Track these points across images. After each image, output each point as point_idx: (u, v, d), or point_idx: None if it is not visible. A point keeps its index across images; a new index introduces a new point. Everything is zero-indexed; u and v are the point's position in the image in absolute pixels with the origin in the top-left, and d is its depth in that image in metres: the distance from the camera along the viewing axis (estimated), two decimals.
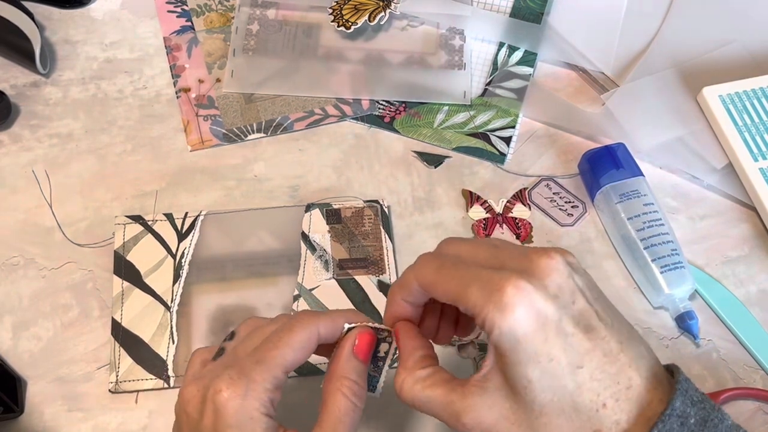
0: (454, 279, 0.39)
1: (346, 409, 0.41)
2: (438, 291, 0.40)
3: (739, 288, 0.60)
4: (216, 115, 0.66)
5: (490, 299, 0.37)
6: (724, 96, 0.66)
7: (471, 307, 0.38)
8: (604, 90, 0.68)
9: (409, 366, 0.41)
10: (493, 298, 0.37)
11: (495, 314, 0.36)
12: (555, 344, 0.37)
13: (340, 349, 0.42)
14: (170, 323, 0.56)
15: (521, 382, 0.37)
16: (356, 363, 0.42)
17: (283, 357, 0.40)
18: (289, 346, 0.40)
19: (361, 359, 0.42)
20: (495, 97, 0.68)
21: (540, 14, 0.71)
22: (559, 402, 0.37)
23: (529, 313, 0.37)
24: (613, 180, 0.61)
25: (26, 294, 0.58)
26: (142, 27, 0.70)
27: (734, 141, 0.64)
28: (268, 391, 0.39)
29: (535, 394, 0.37)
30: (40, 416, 0.54)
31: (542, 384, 0.37)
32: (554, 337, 0.37)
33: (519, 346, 0.37)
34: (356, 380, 0.41)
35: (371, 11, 0.70)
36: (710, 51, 0.70)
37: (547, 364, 0.37)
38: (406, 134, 0.66)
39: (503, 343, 0.37)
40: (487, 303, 0.37)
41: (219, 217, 0.60)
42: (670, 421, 0.36)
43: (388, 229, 0.61)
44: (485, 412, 0.38)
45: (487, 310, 0.37)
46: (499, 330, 0.36)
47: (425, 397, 0.40)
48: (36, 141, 0.64)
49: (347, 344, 0.42)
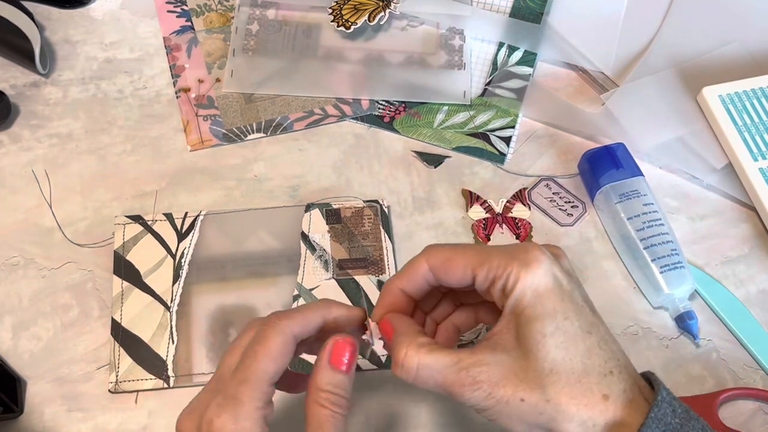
0: (473, 251, 0.42)
1: (325, 417, 0.39)
2: (455, 264, 0.42)
3: (739, 288, 0.60)
4: (216, 115, 0.66)
5: (514, 259, 0.40)
6: (724, 96, 0.66)
7: (494, 268, 0.40)
8: (604, 90, 0.68)
9: (408, 337, 0.41)
10: (519, 257, 0.40)
11: (520, 270, 0.39)
12: (569, 307, 0.39)
13: (318, 358, 0.41)
14: (170, 323, 0.56)
15: (536, 337, 0.39)
16: (333, 374, 0.40)
17: (264, 371, 0.39)
18: (268, 357, 0.39)
19: (341, 370, 0.41)
20: (495, 97, 0.68)
21: (540, 14, 0.71)
22: (570, 362, 0.39)
23: (549, 274, 0.40)
24: (613, 180, 0.61)
25: (26, 294, 0.58)
26: (142, 27, 0.71)
27: (734, 141, 0.64)
28: (258, 409, 0.38)
29: (548, 350, 0.38)
30: (40, 416, 0.54)
31: (556, 340, 0.39)
32: (568, 302, 0.40)
33: (539, 301, 0.39)
34: (332, 390, 0.40)
35: (371, 11, 0.70)
36: (710, 51, 0.70)
37: (562, 322, 0.39)
38: (406, 134, 0.66)
39: (525, 297, 0.39)
40: (511, 262, 0.40)
41: (219, 217, 0.60)
42: (663, 406, 0.38)
43: (387, 229, 0.61)
44: (494, 369, 0.39)
45: (511, 268, 0.40)
46: (523, 283, 0.39)
47: (431, 361, 0.40)
48: (36, 141, 0.64)
49: (324, 355, 0.41)
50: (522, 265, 0.40)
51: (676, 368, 0.56)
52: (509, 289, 0.40)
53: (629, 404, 0.38)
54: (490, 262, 0.41)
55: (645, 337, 0.58)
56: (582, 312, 0.40)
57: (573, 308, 0.39)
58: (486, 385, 0.39)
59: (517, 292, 0.39)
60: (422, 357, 0.40)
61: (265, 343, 0.40)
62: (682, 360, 0.57)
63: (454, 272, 0.42)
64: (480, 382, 0.39)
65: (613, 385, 0.38)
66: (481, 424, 0.54)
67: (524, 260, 0.40)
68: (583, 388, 0.38)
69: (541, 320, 0.39)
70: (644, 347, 0.57)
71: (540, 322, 0.39)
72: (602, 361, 0.39)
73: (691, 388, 0.56)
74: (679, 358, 0.57)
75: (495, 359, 0.39)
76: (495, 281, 0.40)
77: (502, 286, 0.40)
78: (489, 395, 0.39)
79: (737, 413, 0.55)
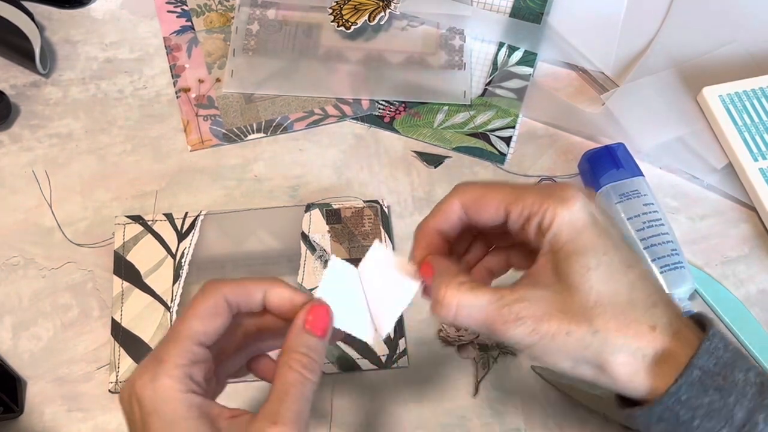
0: (507, 188, 0.41)
1: (293, 380, 0.38)
2: (487, 201, 0.41)
3: (739, 288, 0.60)
4: (216, 115, 0.66)
5: (551, 196, 0.39)
6: (724, 96, 0.66)
7: (528, 206, 0.40)
8: (604, 90, 0.68)
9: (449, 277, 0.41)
10: (555, 194, 0.39)
11: (557, 206, 0.39)
12: (608, 243, 0.39)
13: (293, 324, 0.40)
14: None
15: (579, 271, 0.38)
16: (308, 338, 0.39)
17: (189, 328, 0.38)
18: (195, 317, 0.38)
19: (315, 334, 0.39)
20: (495, 97, 0.68)
21: (540, 14, 0.71)
22: (615, 294, 0.38)
23: (586, 211, 0.39)
24: (613, 180, 0.61)
25: (26, 294, 0.58)
26: (142, 27, 0.70)
27: (734, 141, 0.64)
28: (181, 366, 0.37)
29: (592, 283, 0.38)
30: (40, 416, 0.54)
31: (599, 274, 0.38)
32: (606, 237, 0.39)
33: (578, 237, 0.39)
34: (306, 353, 0.39)
35: (371, 11, 0.70)
36: (710, 51, 0.70)
37: (603, 257, 0.39)
38: (406, 134, 0.66)
39: (563, 233, 0.39)
40: (547, 199, 0.39)
41: (219, 217, 0.60)
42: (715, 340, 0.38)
43: (388, 229, 0.61)
44: (537, 304, 0.39)
45: (547, 205, 0.39)
46: (561, 219, 0.39)
47: (471, 298, 0.40)
48: (36, 141, 0.64)
49: (299, 318, 0.40)
50: (559, 201, 0.39)
51: None
52: (546, 225, 0.39)
53: (676, 336, 0.38)
54: (525, 199, 0.40)
55: None
56: (620, 248, 0.40)
57: (611, 244, 0.39)
58: (530, 321, 0.38)
59: (554, 228, 0.39)
60: (462, 295, 0.40)
61: (194, 303, 0.39)
62: None
63: (486, 209, 0.41)
64: (523, 317, 0.38)
65: (659, 317, 0.39)
66: (481, 424, 0.54)
67: (561, 197, 0.39)
68: (629, 319, 0.38)
69: (582, 255, 0.38)
70: None
71: (582, 257, 0.38)
72: (645, 295, 0.39)
73: None
74: None
75: (537, 295, 0.39)
76: (530, 218, 0.40)
77: (538, 223, 0.40)
78: (533, 330, 0.38)
79: None
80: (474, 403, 0.55)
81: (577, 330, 0.38)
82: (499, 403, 0.55)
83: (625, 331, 0.38)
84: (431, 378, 0.56)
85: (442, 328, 0.57)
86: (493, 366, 0.56)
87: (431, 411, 0.55)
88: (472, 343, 0.57)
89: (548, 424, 0.54)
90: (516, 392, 0.55)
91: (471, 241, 0.46)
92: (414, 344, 0.57)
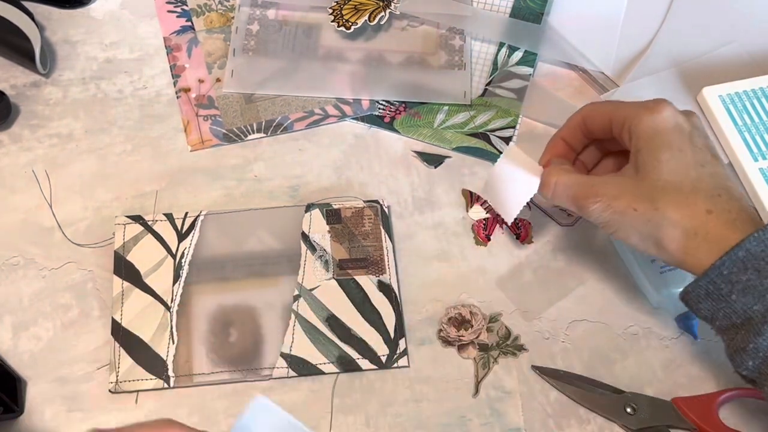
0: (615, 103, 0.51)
1: None
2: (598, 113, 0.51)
3: None
4: (216, 115, 0.66)
5: (644, 106, 0.48)
6: (724, 96, 0.66)
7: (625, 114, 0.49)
8: (604, 90, 0.68)
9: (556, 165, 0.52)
10: (648, 105, 0.48)
11: (644, 113, 0.48)
12: (685, 144, 0.47)
13: None
14: (170, 323, 0.56)
15: (652, 163, 0.46)
16: None
17: None
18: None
19: None
20: (495, 97, 0.68)
21: (540, 14, 0.71)
22: (680, 183, 0.46)
23: (670, 118, 0.47)
24: None
25: (26, 294, 0.58)
26: (142, 27, 0.70)
27: (734, 141, 0.64)
28: None
29: (660, 172, 0.46)
30: (40, 416, 0.54)
31: (669, 166, 0.46)
32: (686, 141, 0.47)
33: (657, 136, 0.47)
34: None
35: (371, 11, 0.70)
36: (710, 51, 0.70)
37: (677, 152, 0.46)
38: (406, 134, 0.66)
39: (645, 132, 0.47)
40: (639, 108, 0.48)
41: (219, 217, 0.60)
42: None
43: (388, 229, 0.61)
44: (614, 186, 0.48)
45: (637, 111, 0.48)
46: (646, 123, 0.47)
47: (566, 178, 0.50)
48: (36, 141, 0.64)
49: None
50: (647, 109, 0.48)
51: (676, 368, 0.57)
52: (634, 128, 0.48)
53: (732, 223, 0.44)
54: (623, 109, 0.49)
55: (645, 337, 0.58)
56: (698, 150, 0.47)
57: (689, 146, 0.46)
58: (605, 198, 0.47)
59: (639, 129, 0.47)
60: (561, 175, 0.51)
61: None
62: (683, 360, 0.57)
63: (597, 119, 0.51)
64: (601, 195, 0.47)
65: (719, 205, 0.45)
66: (481, 424, 0.54)
67: (650, 107, 0.48)
68: (688, 201, 0.45)
69: (656, 150, 0.46)
70: (644, 347, 0.57)
71: (657, 151, 0.46)
72: (710, 187, 0.45)
73: (691, 388, 0.56)
74: (680, 358, 0.57)
75: (616, 180, 0.49)
76: (624, 124, 0.48)
77: (629, 126, 0.48)
78: (608, 206, 0.47)
79: (737, 413, 0.55)
80: (474, 403, 0.55)
81: (642, 206, 0.46)
82: (499, 403, 0.55)
83: (683, 210, 0.45)
84: (431, 378, 0.56)
85: (442, 328, 0.57)
86: (493, 366, 0.56)
87: (431, 411, 0.55)
88: (472, 343, 0.57)
89: (548, 424, 0.54)
90: (516, 392, 0.55)
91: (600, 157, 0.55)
92: (414, 344, 0.57)
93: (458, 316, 0.58)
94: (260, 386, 0.55)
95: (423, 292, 0.59)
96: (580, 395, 0.55)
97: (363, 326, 0.57)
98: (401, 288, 0.59)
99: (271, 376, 0.55)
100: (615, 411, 0.54)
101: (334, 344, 0.56)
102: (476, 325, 0.57)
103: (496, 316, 0.58)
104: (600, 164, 0.55)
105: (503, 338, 0.57)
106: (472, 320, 0.58)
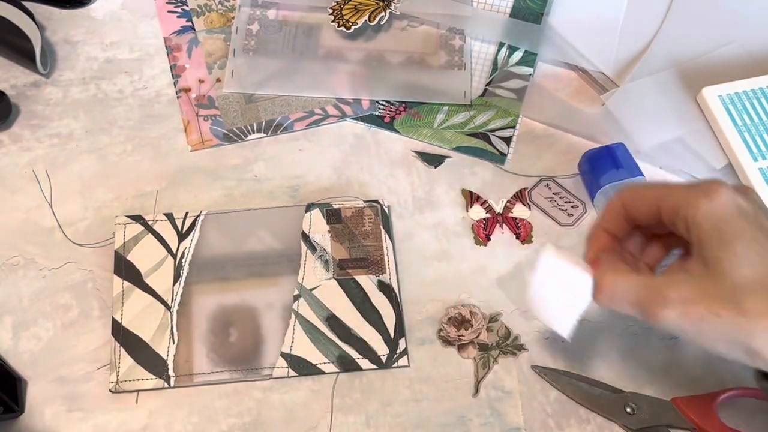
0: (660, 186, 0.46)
1: None
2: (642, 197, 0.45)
3: None
4: (216, 115, 0.66)
5: (697, 190, 0.42)
6: (723, 96, 0.66)
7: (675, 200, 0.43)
8: (604, 90, 0.68)
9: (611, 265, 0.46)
10: (701, 188, 0.42)
11: (700, 198, 0.42)
12: (755, 230, 0.41)
13: None
14: (170, 323, 0.56)
15: (727, 257, 0.40)
16: None
17: None
18: None
19: None
20: (495, 97, 0.68)
21: (540, 14, 0.71)
22: (763, 277, 0.40)
23: (731, 201, 0.42)
24: (613, 180, 0.61)
25: (26, 294, 0.58)
26: (142, 27, 0.71)
27: (734, 141, 0.64)
28: None
29: (740, 269, 0.40)
30: (40, 416, 0.54)
31: (748, 259, 0.40)
32: (754, 226, 0.41)
33: (724, 226, 0.41)
34: None
35: (371, 11, 0.70)
36: (710, 51, 0.70)
37: (750, 242, 0.40)
38: (406, 134, 0.66)
39: (706, 222, 0.41)
40: (691, 192, 0.42)
41: (219, 217, 0.60)
42: None
43: (388, 229, 0.61)
44: (685, 287, 0.41)
45: (693, 197, 0.42)
46: (705, 210, 0.41)
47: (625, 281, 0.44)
48: (36, 141, 0.64)
49: None
50: (701, 194, 0.42)
51: (676, 368, 0.57)
52: (691, 217, 0.42)
53: None
54: (673, 194, 0.43)
55: (645, 337, 0.58)
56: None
57: (761, 233, 0.41)
58: (678, 303, 0.41)
59: (699, 218, 0.41)
60: (619, 278, 0.44)
61: None
62: (683, 360, 0.57)
63: (641, 205, 0.45)
64: (672, 300, 0.41)
65: None
66: (481, 424, 0.54)
67: (705, 190, 0.42)
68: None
69: (728, 242, 0.41)
70: (644, 347, 0.57)
71: (728, 244, 0.40)
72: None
73: (691, 388, 0.56)
74: (680, 359, 0.57)
75: (687, 280, 0.42)
76: (678, 211, 0.43)
77: (684, 215, 0.42)
78: (683, 313, 0.41)
79: (737, 413, 0.55)
80: (474, 403, 0.55)
81: (726, 313, 0.40)
82: (499, 403, 0.55)
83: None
84: (431, 378, 0.56)
85: (442, 328, 0.57)
86: (493, 366, 0.56)
87: (431, 411, 0.55)
88: (472, 343, 0.57)
89: (548, 424, 0.54)
90: (516, 392, 0.55)
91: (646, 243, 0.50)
92: (414, 344, 0.57)
93: (458, 315, 0.58)
94: (260, 386, 0.55)
95: (423, 291, 0.59)
96: (580, 395, 0.55)
97: (363, 326, 0.57)
98: (401, 288, 0.59)
99: (271, 376, 0.55)
100: (615, 411, 0.54)
101: (334, 344, 0.56)
102: (476, 324, 0.57)
103: (496, 315, 0.58)
104: (646, 252, 0.50)
105: (503, 338, 0.57)
106: (472, 320, 0.58)
